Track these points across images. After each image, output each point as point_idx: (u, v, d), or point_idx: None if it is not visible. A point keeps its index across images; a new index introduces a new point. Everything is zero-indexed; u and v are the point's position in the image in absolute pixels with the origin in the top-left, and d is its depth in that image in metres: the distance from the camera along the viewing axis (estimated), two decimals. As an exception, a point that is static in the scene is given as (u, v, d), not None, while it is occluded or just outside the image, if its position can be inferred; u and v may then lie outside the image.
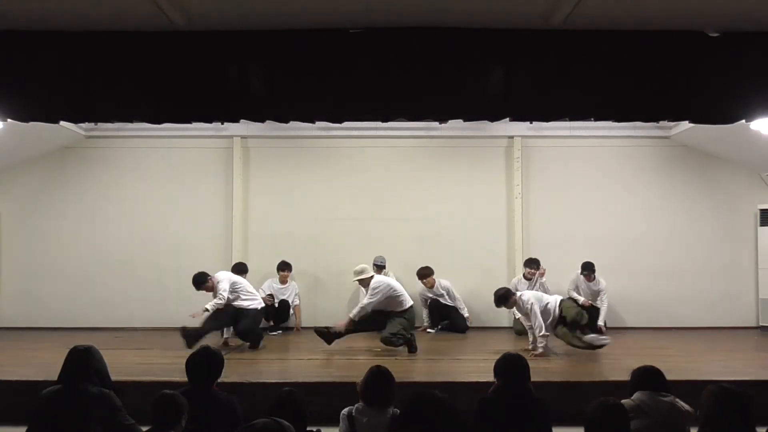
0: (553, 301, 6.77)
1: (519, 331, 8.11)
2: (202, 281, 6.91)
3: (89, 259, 8.91)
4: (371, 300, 6.77)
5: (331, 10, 4.21)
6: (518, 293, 6.95)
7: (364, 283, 7.05)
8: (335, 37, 4.46)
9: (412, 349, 6.82)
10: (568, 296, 8.34)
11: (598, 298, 8.31)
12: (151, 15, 4.17)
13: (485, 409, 3.34)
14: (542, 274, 8.32)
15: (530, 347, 6.68)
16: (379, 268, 8.45)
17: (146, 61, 4.55)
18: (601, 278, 8.25)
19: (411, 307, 7.00)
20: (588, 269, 8.22)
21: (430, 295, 8.60)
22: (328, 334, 6.75)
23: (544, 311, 6.63)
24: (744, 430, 2.85)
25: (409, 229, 8.71)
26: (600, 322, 8.09)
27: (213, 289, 6.90)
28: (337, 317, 8.34)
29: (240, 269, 8.04)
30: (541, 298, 6.78)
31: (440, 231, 8.85)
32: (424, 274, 8.48)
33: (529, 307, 6.63)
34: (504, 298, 6.80)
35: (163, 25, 4.34)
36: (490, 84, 4.59)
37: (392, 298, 6.84)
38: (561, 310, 6.63)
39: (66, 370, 3.46)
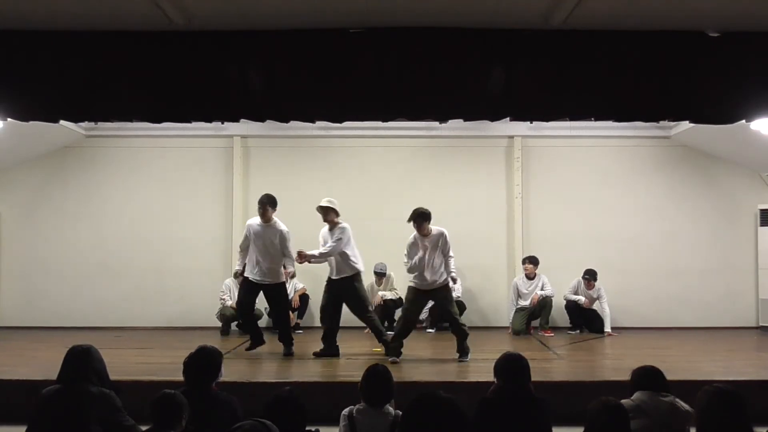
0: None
1: (517, 330, 8.13)
2: None
3: (89, 258, 8.91)
4: (334, 246, 6.29)
5: (331, 10, 4.21)
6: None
7: (329, 217, 6.44)
8: (335, 37, 4.47)
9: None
10: (565, 297, 8.38)
11: (595, 304, 8.33)
12: (151, 15, 4.17)
13: (485, 409, 3.34)
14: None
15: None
16: (380, 276, 8.44)
17: (146, 61, 4.56)
18: (601, 286, 8.24)
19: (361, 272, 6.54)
20: (590, 276, 8.23)
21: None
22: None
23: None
24: (740, 430, 2.85)
25: (409, 229, 8.68)
26: (607, 329, 8.10)
27: None
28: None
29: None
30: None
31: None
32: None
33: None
34: (425, 216, 6.32)
35: (163, 25, 4.34)
36: (490, 84, 4.59)
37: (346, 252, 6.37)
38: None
39: (65, 370, 3.46)
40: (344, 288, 6.40)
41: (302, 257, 6.36)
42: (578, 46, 4.52)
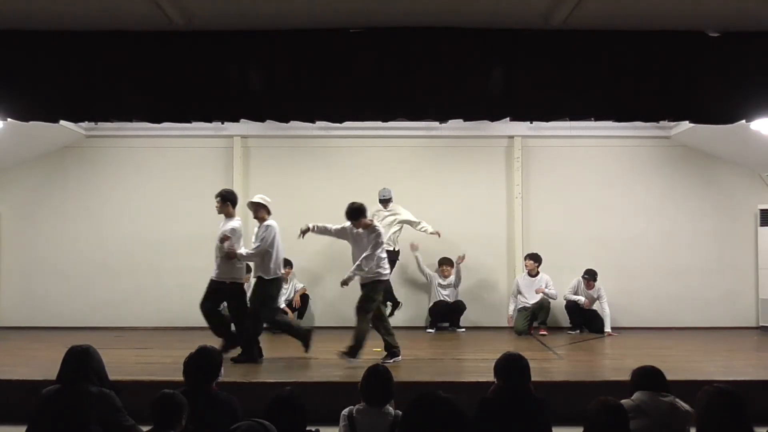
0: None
1: (519, 331, 8.12)
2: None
3: (89, 258, 8.91)
4: (259, 245, 6.05)
5: (331, 10, 4.21)
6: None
7: (259, 213, 6.25)
8: (335, 37, 4.47)
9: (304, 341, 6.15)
10: (565, 297, 8.38)
11: (596, 304, 8.33)
12: (151, 15, 4.18)
13: (485, 409, 3.34)
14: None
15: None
16: (385, 202, 8.21)
17: (146, 60, 4.56)
18: (601, 286, 8.24)
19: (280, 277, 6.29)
20: (590, 276, 8.23)
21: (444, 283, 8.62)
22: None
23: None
24: (740, 430, 2.85)
25: (409, 228, 8.71)
26: (607, 329, 8.10)
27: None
28: (337, 316, 8.37)
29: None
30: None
31: (440, 230, 8.85)
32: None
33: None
34: (361, 211, 5.99)
35: (163, 25, 4.35)
36: (490, 84, 4.60)
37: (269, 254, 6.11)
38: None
39: (64, 370, 3.46)
40: (258, 290, 6.22)
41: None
42: (578, 46, 4.52)
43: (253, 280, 6.48)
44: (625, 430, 2.86)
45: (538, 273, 8.38)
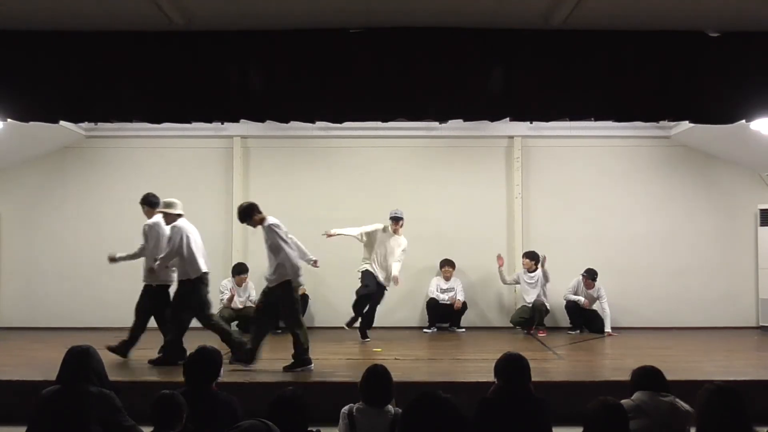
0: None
1: (514, 322, 8.16)
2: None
3: (89, 259, 8.88)
4: (169, 249, 6.01)
5: (331, 10, 4.22)
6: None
7: (168, 219, 6.17)
8: (335, 37, 4.48)
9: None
10: (565, 297, 8.38)
11: (596, 304, 8.33)
12: (151, 15, 4.18)
13: (485, 409, 3.34)
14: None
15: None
16: (396, 220, 7.88)
17: (146, 61, 4.57)
18: (601, 286, 8.24)
19: (206, 275, 6.14)
20: (590, 275, 8.23)
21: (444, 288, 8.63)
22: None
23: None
24: (740, 428, 2.85)
25: (409, 229, 8.68)
26: (607, 329, 8.09)
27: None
28: (337, 316, 8.36)
29: (240, 270, 8.06)
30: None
31: (440, 231, 8.85)
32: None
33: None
34: (248, 211, 5.84)
35: (163, 25, 4.35)
36: (490, 84, 4.60)
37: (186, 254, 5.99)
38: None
39: (64, 371, 3.46)
40: (180, 293, 6.17)
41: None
42: (578, 46, 4.53)
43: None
44: (625, 430, 2.86)
45: (536, 270, 8.37)
